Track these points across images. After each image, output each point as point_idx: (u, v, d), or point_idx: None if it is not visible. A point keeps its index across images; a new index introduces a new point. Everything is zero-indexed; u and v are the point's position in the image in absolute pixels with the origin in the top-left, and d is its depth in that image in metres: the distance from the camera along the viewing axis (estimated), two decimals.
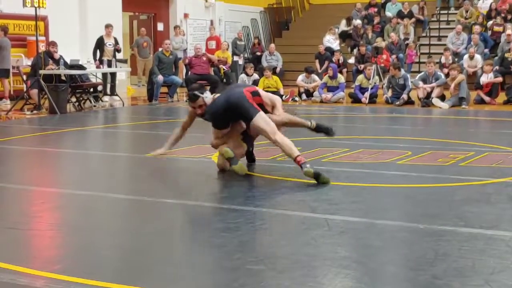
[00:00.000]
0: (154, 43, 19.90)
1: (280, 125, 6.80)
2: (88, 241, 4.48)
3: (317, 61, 19.02)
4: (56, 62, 13.59)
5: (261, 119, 6.44)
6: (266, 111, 6.69)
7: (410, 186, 6.15)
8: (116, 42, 15.97)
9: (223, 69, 17.68)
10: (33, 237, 4.63)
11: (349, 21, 21.40)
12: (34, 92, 13.04)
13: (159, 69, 15.27)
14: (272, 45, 20.06)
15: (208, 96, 6.76)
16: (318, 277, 3.69)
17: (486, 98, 14.41)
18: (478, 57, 17.20)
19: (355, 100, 15.17)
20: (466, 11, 20.34)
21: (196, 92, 6.74)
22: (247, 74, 16.61)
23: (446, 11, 21.64)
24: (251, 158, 7.14)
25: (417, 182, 6.31)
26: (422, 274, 3.68)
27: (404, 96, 14.41)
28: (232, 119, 6.60)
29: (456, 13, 20.88)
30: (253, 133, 6.74)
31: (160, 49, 16.35)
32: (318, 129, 7.13)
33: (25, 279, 3.61)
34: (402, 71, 14.94)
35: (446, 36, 19.65)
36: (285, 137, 6.45)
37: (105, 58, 15.41)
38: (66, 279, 3.61)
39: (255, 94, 6.73)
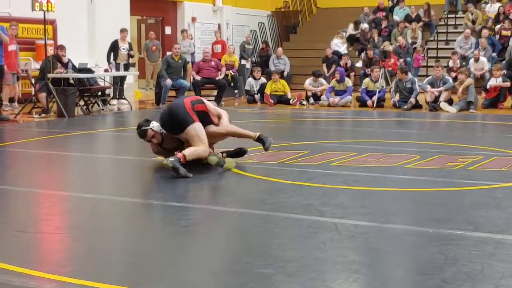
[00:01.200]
0: (162, 47, 19.93)
1: (220, 136, 7.24)
2: (96, 244, 4.49)
3: (324, 65, 19.01)
4: (65, 65, 13.63)
5: (193, 129, 6.80)
6: (211, 121, 7.09)
7: (418, 190, 6.13)
8: (130, 48, 16.04)
9: (230, 73, 17.70)
10: (41, 240, 4.64)
11: (356, 25, 21.40)
12: (43, 95, 13.08)
13: (168, 73, 15.29)
14: (280, 49, 20.05)
15: (155, 125, 7.04)
16: (328, 281, 3.68)
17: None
18: (483, 59, 17.17)
19: (363, 104, 15.16)
20: (472, 14, 20.31)
21: (142, 128, 7.05)
22: (254, 78, 16.63)
23: (453, 15, 21.61)
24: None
25: (426, 186, 6.30)
26: (431, 278, 3.67)
27: (412, 100, 14.39)
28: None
29: (464, 17, 20.84)
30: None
31: (169, 53, 16.37)
32: (259, 139, 7.36)
33: (35, 282, 3.62)
34: (409, 75, 14.93)
35: (454, 40, 19.62)
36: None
37: (119, 62, 15.47)
38: (75, 282, 3.62)
39: (198, 102, 7.12)
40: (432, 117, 13.35)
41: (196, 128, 6.81)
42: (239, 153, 7.43)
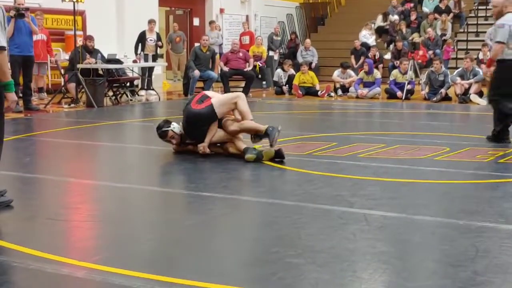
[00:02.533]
0: (190, 38, 19.97)
1: (236, 133, 7.23)
2: (126, 232, 4.52)
3: (352, 56, 18.92)
4: (94, 56, 13.72)
5: (216, 102, 7.16)
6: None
7: (448, 182, 6.08)
8: (158, 38, 16.09)
9: (258, 65, 17.69)
10: (72, 228, 4.68)
11: (385, 16, 21.24)
12: (72, 85, 13.19)
13: (196, 65, 15.31)
14: (308, 41, 19.98)
15: (175, 126, 7.35)
16: (358, 271, 3.67)
17: None
18: None
19: (391, 95, 15.06)
20: None
21: (163, 129, 7.35)
22: (283, 70, 16.60)
23: (484, 7, 21.35)
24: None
25: (456, 178, 6.24)
26: (462, 270, 3.64)
27: (442, 91, 14.25)
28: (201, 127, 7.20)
29: None
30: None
31: (197, 44, 16.41)
32: (266, 134, 7.21)
33: (67, 269, 3.65)
34: (443, 68, 14.79)
35: (484, 32, 19.39)
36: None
37: (147, 53, 15.54)
38: (106, 269, 3.65)
39: (201, 100, 7.30)
40: (462, 109, 13.23)
41: (216, 101, 7.24)
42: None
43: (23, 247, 4.02)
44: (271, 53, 19.74)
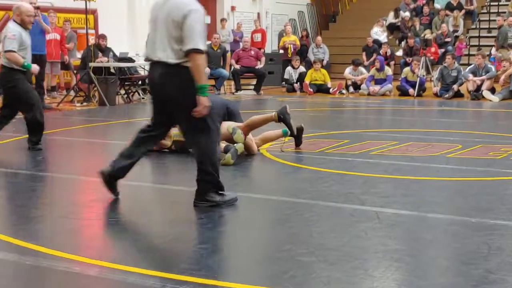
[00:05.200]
0: None
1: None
2: (138, 230, 4.54)
3: (364, 53, 18.86)
4: (106, 55, 13.75)
5: None
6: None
7: (460, 180, 6.06)
8: None
9: (291, 47, 17.89)
10: (85, 227, 4.70)
11: (396, 12, 21.16)
12: (84, 84, 13.23)
13: (207, 63, 15.30)
14: (319, 38, 19.93)
15: None
16: (369, 269, 3.66)
17: None
18: None
19: (403, 93, 15.01)
20: None
21: None
22: (293, 67, 16.58)
23: (496, 3, 21.25)
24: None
25: (468, 175, 6.22)
26: (475, 268, 3.63)
27: (455, 86, 14.19)
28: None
29: (507, 4, 20.47)
30: None
31: (208, 43, 16.42)
32: (280, 118, 7.26)
33: (79, 267, 3.67)
34: (456, 64, 14.73)
35: (496, 28, 19.29)
36: None
37: None
38: (118, 267, 3.66)
39: None
40: (474, 106, 13.17)
41: None
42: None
43: (36, 245, 4.04)
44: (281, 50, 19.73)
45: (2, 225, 4.59)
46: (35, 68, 7.71)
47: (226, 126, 7.01)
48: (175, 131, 7.31)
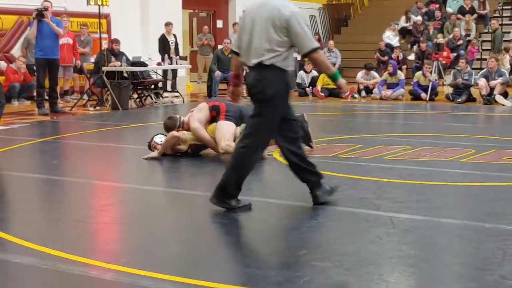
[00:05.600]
0: (213, 40, 20.03)
1: None
2: (153, 235, 4.55)
3: (377, 55, 18.83)
4: (119, 59, 13.80)
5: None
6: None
7: (474, 185, 6.05)
8: (176, 40, 16.22)
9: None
10: (100, 231, 4.73)
11: (407, 14, 21.12)
12: (97, 88, 13.29)
13: (218, 67, 15.37)
14: (331, 42, 19.94)
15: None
16: (384, 275, 3.67)
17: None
18: None
19: (415, 97, 14.99)
20: None
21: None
22: (305, 71, 16.59)
23: (509, 7, 21.18)
24: None
25: (482, 180, 6.21)
26: (490, 274, 3.63)
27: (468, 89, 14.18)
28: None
29: None
30: None
31: (220, 47, 16.46)
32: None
33: (95, 271, 3.69)
34: (469, 67, 14.70)
35: (509, 32, 19.24)
36: None
37: (172, 56, 15.63)
38: (133, 272, 3.68)
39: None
40: (487, 110, 13.13)
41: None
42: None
43: (52, 249, 4.07)
44: (294, 54, 19.75)
45: (18, 230, 4.62)
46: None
47: (240, 130, 7.04)
48: (190, 135, 7.36)
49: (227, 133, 7.09)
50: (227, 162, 5.21)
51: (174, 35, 16.32)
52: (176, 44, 16.21)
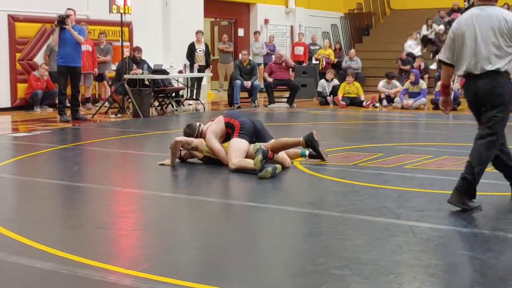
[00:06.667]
0: (234, 48, 20.10)
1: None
2: (173, 241, 4.56)
3: (399, 63, 18.80)
4: (140, 67, 13.88)
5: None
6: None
7: (496, 194, 5.99)
8: (207, 48, 16.34)
9: (323, 61, 18.72)
10: (120, 237, 4.74)
11: (427, 22, 21.04)
12: (119, 96, 13.38)
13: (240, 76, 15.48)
14: (352, 51, 19.93)
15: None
16: (404, 284, 3.64)
17: None
18: None
19: (437, 106, 14.88)
20: None
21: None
22: (326, 80, 16.57)
23: None
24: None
25: (505, 190, 6.13)
26: (511, 284, 3.59)
27: None
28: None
29: None
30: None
31: (240, 56, 16.52)
32: (307, 144, 7.41)
33: (114, 277, 3.70)
34: None
35: None
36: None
37: (195, 64, 15.69)
38: (153, 278, 3.68)
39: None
40: (511, 119, 12.97)
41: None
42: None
43: (72, 254, 4.08)
44: (314, 61, 19.77)
45: (39, 235, 4.65)
46: None
47: (253, 146, 7.07)
48: (206, 147, 7.37)
49: (239, 151, 7.12)
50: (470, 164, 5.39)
51: (206, 44, 16.46)
52: (207, 53, 16.31)
